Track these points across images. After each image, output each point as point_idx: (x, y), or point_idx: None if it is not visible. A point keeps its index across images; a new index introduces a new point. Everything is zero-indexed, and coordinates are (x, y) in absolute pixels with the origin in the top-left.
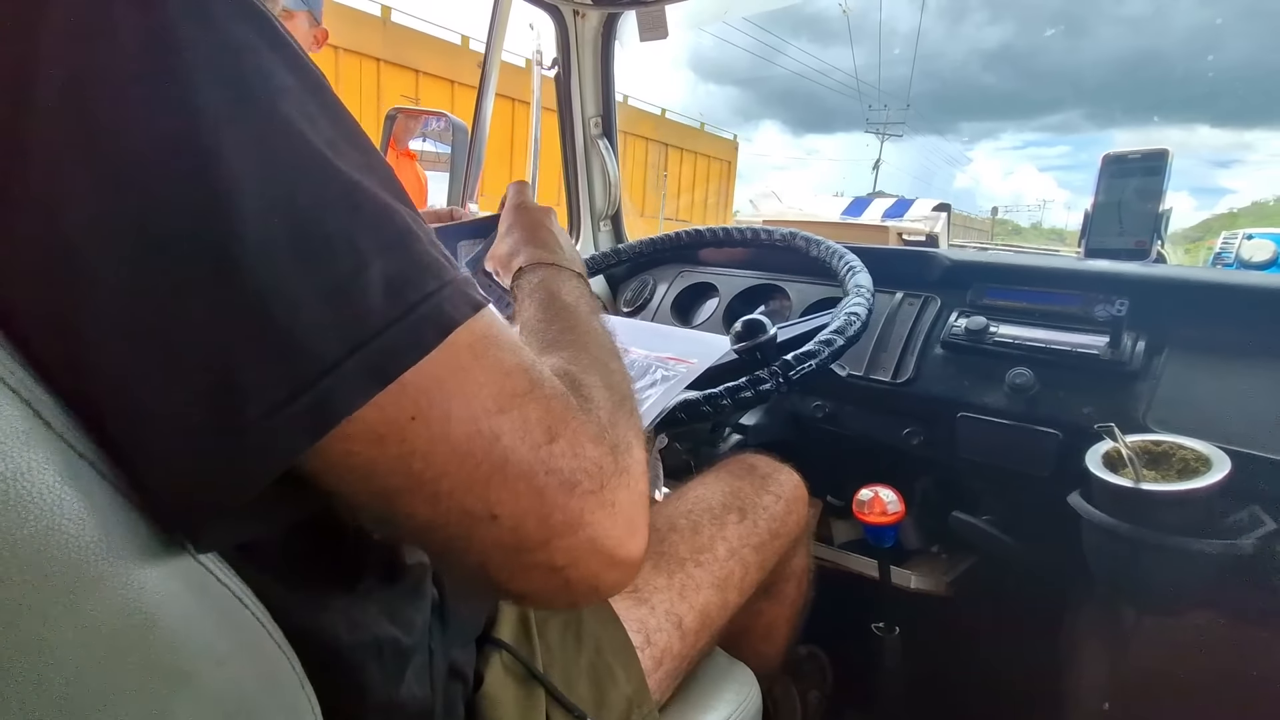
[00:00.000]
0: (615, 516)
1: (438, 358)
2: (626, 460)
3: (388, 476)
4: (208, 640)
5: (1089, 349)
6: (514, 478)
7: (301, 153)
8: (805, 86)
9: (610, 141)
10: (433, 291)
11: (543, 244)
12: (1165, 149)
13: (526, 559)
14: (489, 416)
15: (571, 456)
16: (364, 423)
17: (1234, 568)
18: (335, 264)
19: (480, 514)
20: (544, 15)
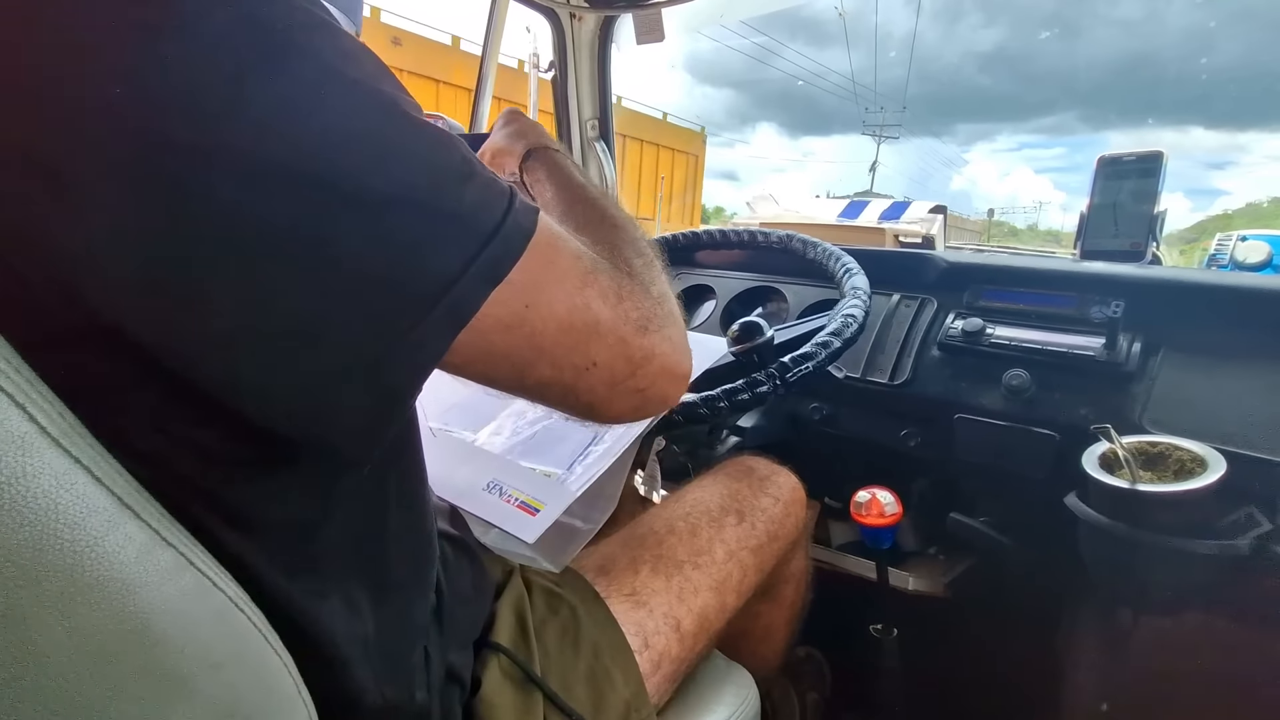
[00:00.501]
0: (673, 344)
1: (531, 255)
2: (669, 305)
3: (520, 353)
4: (204, 645)
5: (1085, 350)
6: (605, 331)
7: (385, 107)
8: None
9: (607, 144)
10: (507, 207)
11: (542, 134)
12: (1160, 151)
13: (620, 388)
14: (578, 292)
15: (636, 309)
16: (493, 318)
17: (1231, 568)
18: (435, 196)
19: (585, 364)
20: (540, 18)
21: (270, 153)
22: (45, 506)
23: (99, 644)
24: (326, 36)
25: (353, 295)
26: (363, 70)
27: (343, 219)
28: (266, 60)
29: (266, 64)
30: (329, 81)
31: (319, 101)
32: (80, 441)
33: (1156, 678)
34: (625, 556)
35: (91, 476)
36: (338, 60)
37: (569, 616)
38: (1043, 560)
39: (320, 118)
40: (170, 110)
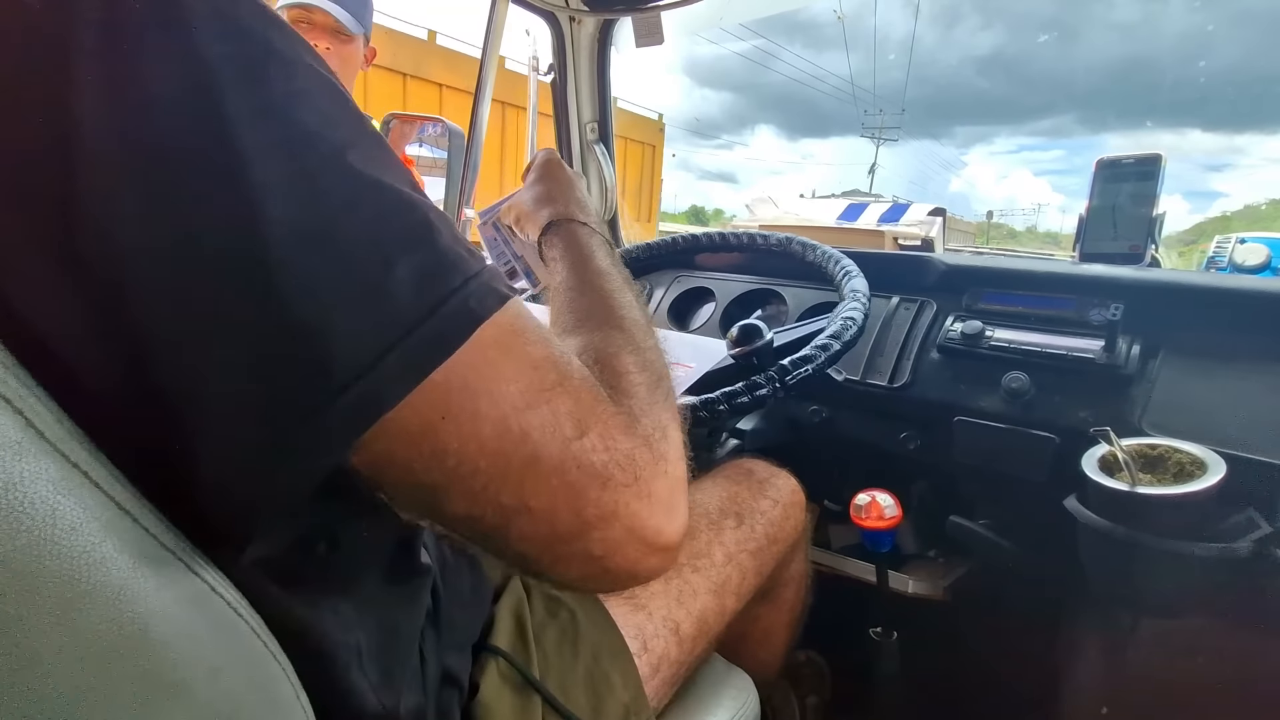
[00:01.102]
0: (653, 505)
1: (465, 355)
2: (662, 447)
3: (425, 474)
4: (202, 651)
5: (1084, 353)
6: (546, 473)
7: (323, 155)
8: (800, 91)
9: (607, 147)
10: (458, 286)
11: (575, 201)
12: (1158, 154)
13: (564, 549)
14: (517, 414)
15: (603, 450)
16: (399, 423)
17: (1230, 571)
18: (363, 265)
19: (515, 507)
20: (540, 21)
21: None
22: (43, 512)
23: (97, 650)
24: (277, 69)
25: (250, 373)
26: (311, 111)
27: (250, 285)
28: (201, 93)
29: (200, 98)
30: (260, 127)
31: (238, 150)
32: (77, 447)
33: (1156, 681)
34: None
35: (89, 481)
36: (281, 100)
37: (568, 619)
38: (1042, 563)
39: (243, 166)
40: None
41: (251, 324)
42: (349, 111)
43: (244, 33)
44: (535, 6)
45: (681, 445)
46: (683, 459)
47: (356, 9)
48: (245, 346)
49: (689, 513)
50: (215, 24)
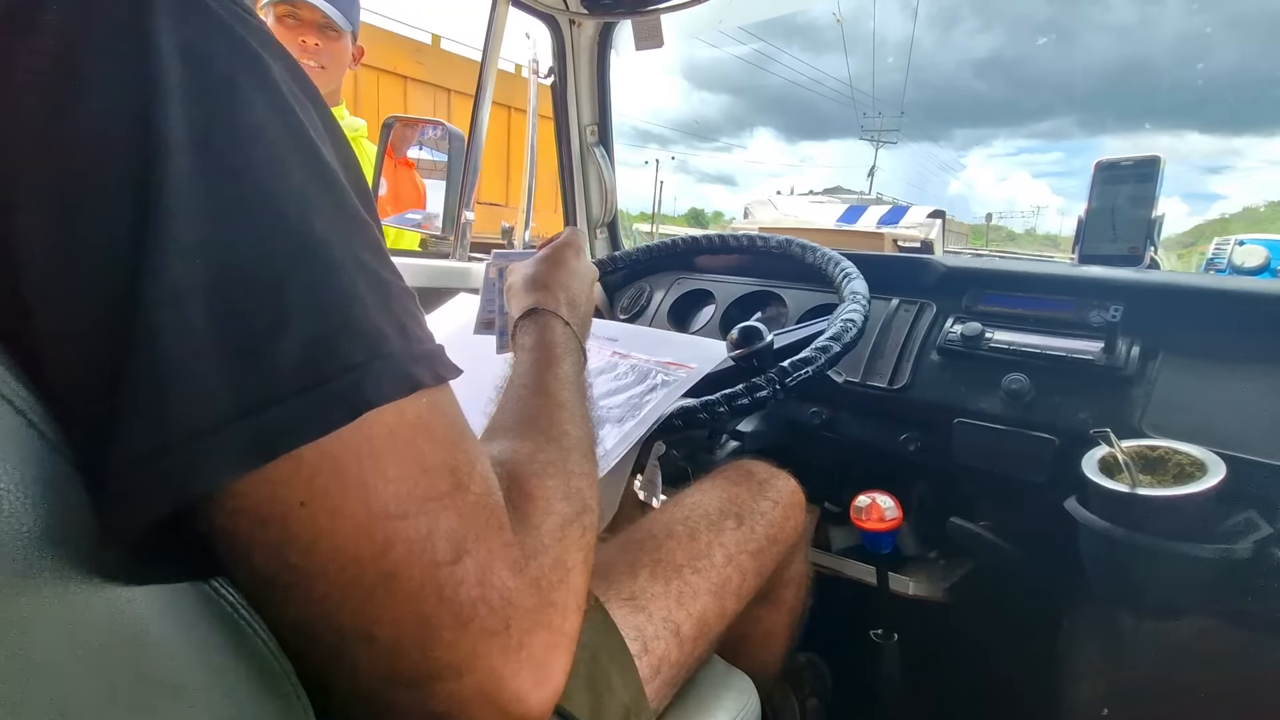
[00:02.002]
0: (520, 663)
1: (344, 439)
2: (556, 594)
3: (264, 562)
4: (201, 651)
5: (1084, 354)
6: (399, 597)
7: (254, 196)
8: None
9: (607, 149)
10: (357, 364)
11: (567, 296)
12: (1157, 156)
13: (399, 696)
14: (386, 519)
15: (476, 584)
16: (249, 498)
17: (1231, 572)
18: (251, 318)
19: (355, 630)
20: (540, 24)
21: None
22: (43, 512)
23: (97, 650)
24: (233, 105)
25: (97, 397)
26: (261, 152)
27: (120, 302)
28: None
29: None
30: (194, 155)
31: (162, 169)
32: (72, 443)
33: (1157, 682)
34: (624, 561)
35: (89, 482)
36: (227, 136)
37: None
38: (1043, 565)
39: (159, 186)
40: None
41: (109, 343)
42: (311, 162)
43: (207, 67)
44: (535, 9)
45: (582, 595)
46: (579, 611)
47: (345, 5)
48: (100, 366)
49: (691, 514)
50: (188, 58)
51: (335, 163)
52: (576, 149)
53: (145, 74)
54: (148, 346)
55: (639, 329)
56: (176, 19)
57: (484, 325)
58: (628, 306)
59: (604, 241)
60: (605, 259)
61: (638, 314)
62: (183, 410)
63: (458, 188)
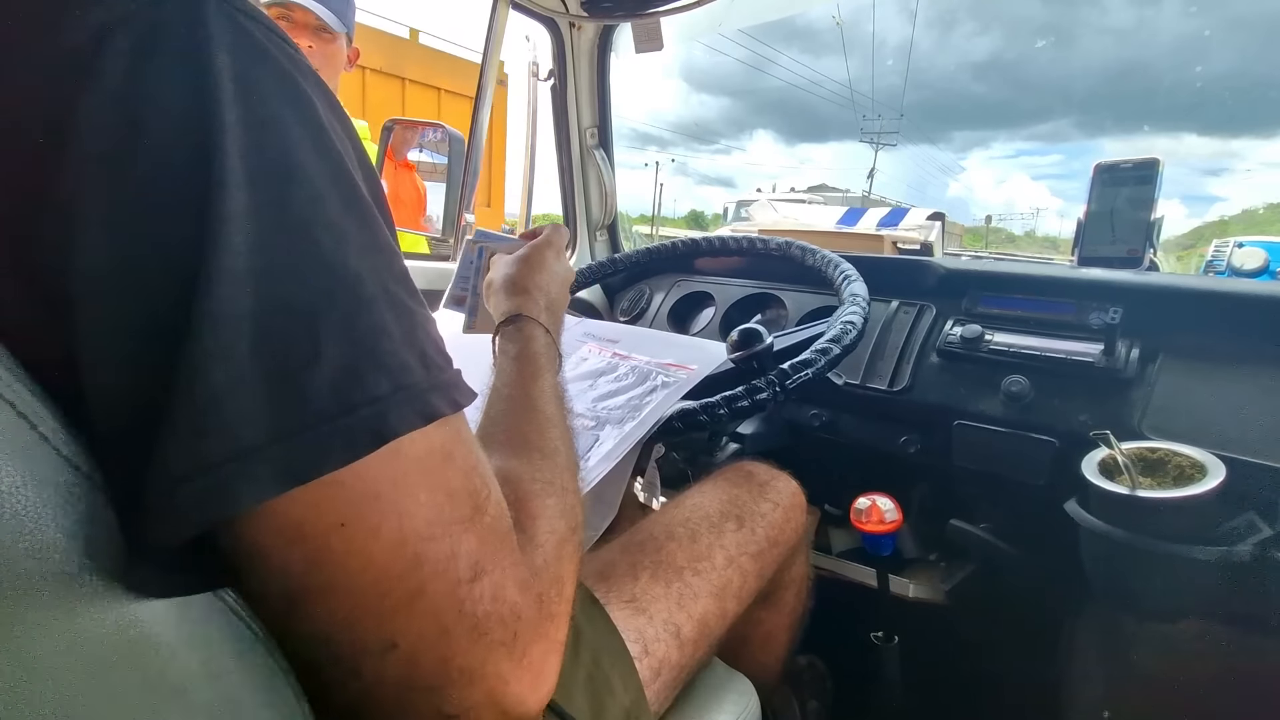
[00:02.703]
0: (522, 670)
1: (381, 464)
2: (553, 606)
3: (297, 578)
4: (202, 655)
5: (1084, 356)
6: (424, 612)
7: (297, 231)
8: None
9: (607, 152)
10: (382, 395)
11: (549, 302)
12: (1156, 158)
13: (416, 700)
14: (418, 541)
15: (491, 600)
16: (287, 517)
17: (1232, 574)
18: (288, 347)
19: (377, 642)
20: (540, 27)
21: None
22: (47, 516)
23: (98, 653)
24: (282, 141)
25: (137, 418)
26: (304, 186)
27: (170, 324)
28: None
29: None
30: (248, 190)
31: (219, 206)
32: (80, 450)
33: (1158, 685)
34: (625, 563)
35: (93, 485)
36: (276, 170)
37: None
38: (1043, 567)
39: (218, 220)
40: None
41: (149, 374)
42: (346, 194)
43: (260, 103)
44: (535, 12)
45: (571, 604)
46: (568, 618)
47: (339, 7)
48: (137, 398)
49: (691, 515)
50: (235, 85)
51: (363, 185)
52: (576, 151)
53: (205, 105)
54: (196, 370)
55: (639, 330)
56: (231, 49)
57: (454, 301)
58: (628, 308)
59: (604, 244)
60: (605, 261)
61: (638, 316)
62: (224, 432)
63: (458, 190)
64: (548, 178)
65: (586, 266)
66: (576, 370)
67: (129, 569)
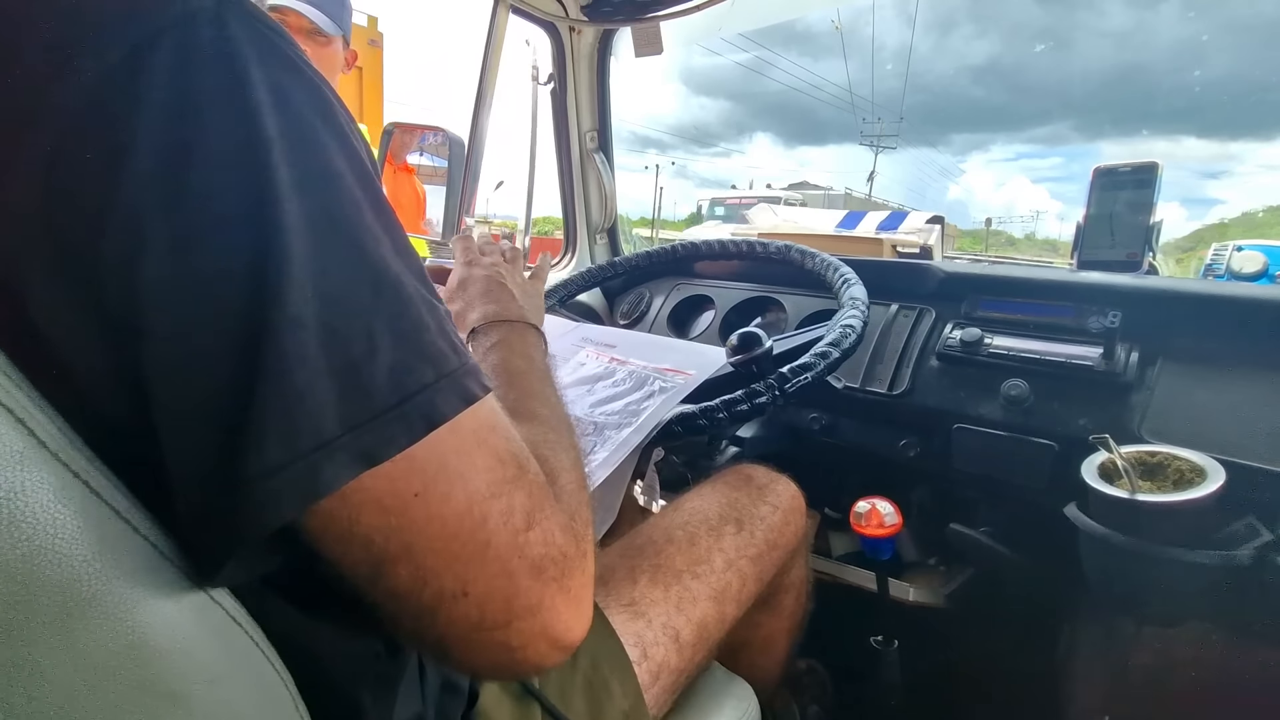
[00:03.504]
0: (570, 602)
1: (444, 440)
2: (585, 545)
3: (383, 544)
4: (201, 660)
5: (1083, 360)
6: (491, 559)
7: (345, 236)
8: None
9: (606, 155)
10: (430, 383)
11: (495, 299)
12: (1155, 162)
13: (486, 637)
14: (482, 501)
15: (543, 544)
16: (371, 492)
17: (1232, 578)
18: (351, 346)
19: (453, 590)
20: (540, 31)
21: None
22: (44, 521)
23: (97, 659)
24: (320, 149)
25: (222, 423)
26: (344, 192)
27: (246, 338)
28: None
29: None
30: (299, 199)
31: (277, 215)
32: (78, 457)
33: (1158, 689)
34: (624, 566)
35: (90, 491)
36: (320, 178)
37: None
38: (1043, 571)
39: (277, 231)
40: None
41: (239, 373)
42: (374, 198)
43: (297, 115)
44: (536, 17)
45: (593, 545)
46: (593, 559)
47: (333, 10)
48: (222, 399)
49: (690, 519)
50: (273, 99)
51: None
52: (576, 155)
53: (248, 120)
54: (279, 371)
55: (637, 335)
56: (261, 62)
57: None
58: (627, 312)
59: (604, 247)
60: (605, 265)
61: (637, 319)
62: (309, 425)
63: (458, 193)
64: (548, 181)
65: (586, 270)
66: (574, 375)
67: (203, 562)
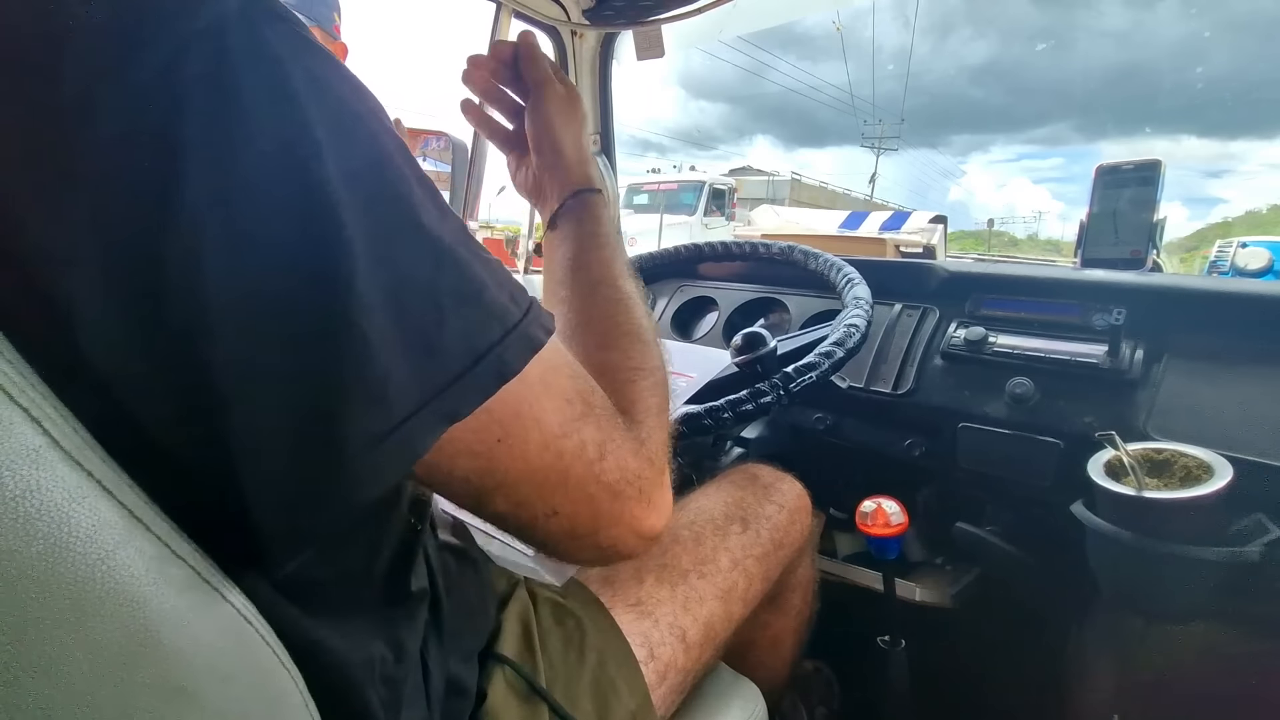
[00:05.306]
0: (649, 509)
1: (515, 392)
2: (660, 462)
3: (479, 482)
4: (212, 658)
5: (1088, 358)
6: (573, 487)
7: (401, 215)
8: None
9: (608, 158)
10: (498, 339)
11: (580, 161)
12: (1157, 160)
13: (581, 542)
14: (556, 440)
15: (617, 470)
16: (462, 443)
17: (1240, 575)
18: (422, 318)
19: (545, 511)
20: (542, 35)
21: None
22: (58, 520)
23: (109, 656)
24: (364, 136)
25: (313, 414)
26: (392, 173)
27: (322, 331)
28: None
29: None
30: (350, 187)
31: (331, 206)
32: (92, 455)
33: (1167, 687)
34: (629, 566)
35: (103, 490)
36: (368, 164)
37: (574, 627)
38: (1050, 569)
39: (334, 224)
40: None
41: (321, 364)
42: (417, 172)
43: (339, 102)
44: (537, 20)
45: (670, 453)
46: (669, 467)
47: (320, 16)
48: (309, 389)
49: (696, 519)
50: (314, 90)
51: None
52: None
53: (294, 121)
54: (366, 356)
55: None
56: (294, 56)
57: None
58: None
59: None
60: None
61: None
62: (400, 397)
63: (461, 198)
64: None
65: None
66: None
67: (279, 551)
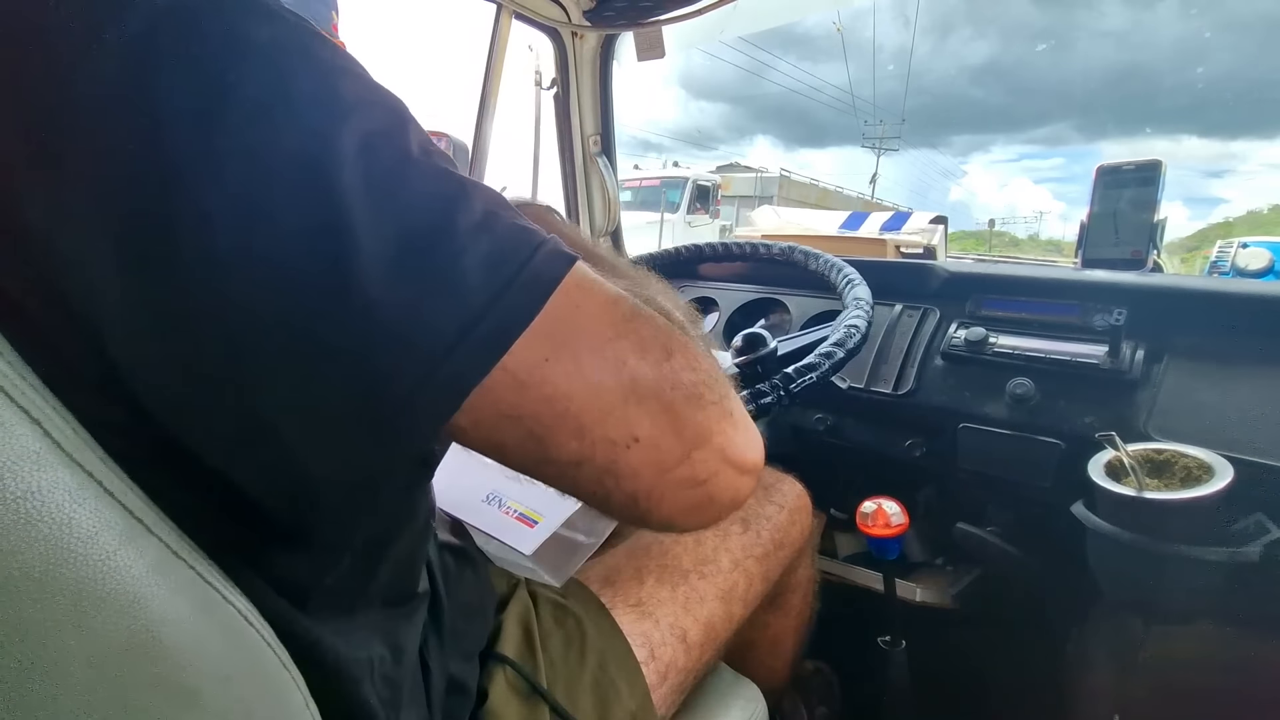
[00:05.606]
0: (736, 425)
1: (554, 308)
2: (723, 374)
3: (536, 417)
4: (213, 658)
5: (1089, 358)
6: (646, 397)
7: (395, 158)
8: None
9: (609, 159)
10: (526, 260)
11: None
12: (1158, 160)
13: (672, 477)
14: (610, 343)
15: (689, 370)
16: (506, 373)
17: (1241, 575)
18: (436, 257)
19: (623, 439)
20: (543, 36)
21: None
22: (59, 521)
23: (110, 657)
24: (351, 80)
25: (334, 378)
26: (385, 112)
27: (340, 289)
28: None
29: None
30: (344, 132)
31: (331, 154)
32: (92, 457)
33: (1167, 687)
34: (630, 567)
35: (104, 491)
36: (358, 104)
37: (574, 627)
38: (1050, 570)
39: (334, 170)
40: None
41: (345, 323)
42: (405, 116)
43: (318, 58)
44: (538, 22)
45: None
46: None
47: (315, 13)
48: (343, 343)
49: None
50: (298, 54)
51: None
52: (579, 159)
53: (324, 89)
54: (377, 310)
55: None
56: (266, 19)
57: None
58: None
59: (606, 250)
60: None
61: None
62: (426, 344)
63: None
64: (552, 185)
65: None
66: None
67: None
